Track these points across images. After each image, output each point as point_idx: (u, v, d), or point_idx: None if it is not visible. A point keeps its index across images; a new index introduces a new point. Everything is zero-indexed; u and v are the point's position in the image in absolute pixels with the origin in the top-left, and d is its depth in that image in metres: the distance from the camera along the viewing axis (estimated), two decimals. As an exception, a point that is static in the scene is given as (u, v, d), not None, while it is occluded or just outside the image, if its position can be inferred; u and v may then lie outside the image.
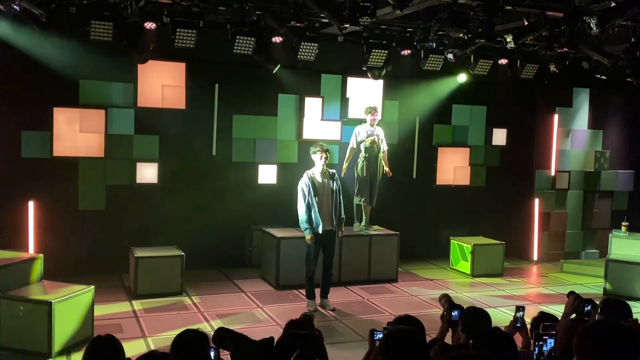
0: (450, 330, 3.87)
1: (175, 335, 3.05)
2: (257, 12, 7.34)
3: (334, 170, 7.31)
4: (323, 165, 7.06)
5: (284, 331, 3.35)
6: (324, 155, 7.03)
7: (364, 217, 8.68)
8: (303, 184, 7.00)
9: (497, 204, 10.30)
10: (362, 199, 8.49)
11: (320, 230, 6.97)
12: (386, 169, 8.55)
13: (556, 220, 10.61)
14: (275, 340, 3.04)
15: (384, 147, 8.58)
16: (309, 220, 6.93)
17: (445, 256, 9.63)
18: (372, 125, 8.50)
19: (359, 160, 8.54)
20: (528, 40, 7.72)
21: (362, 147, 8.44)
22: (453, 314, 3.76)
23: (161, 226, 8.43)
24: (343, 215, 7.31)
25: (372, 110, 8.48)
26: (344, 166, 8.41)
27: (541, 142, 10.59)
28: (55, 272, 6.48)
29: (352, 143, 8.53)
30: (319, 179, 7.06)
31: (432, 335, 3.86)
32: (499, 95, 10.25)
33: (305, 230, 6.96)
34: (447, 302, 3.96)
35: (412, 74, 9.43)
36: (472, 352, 2.95)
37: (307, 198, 6.93)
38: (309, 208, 6.93)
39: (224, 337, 3.14)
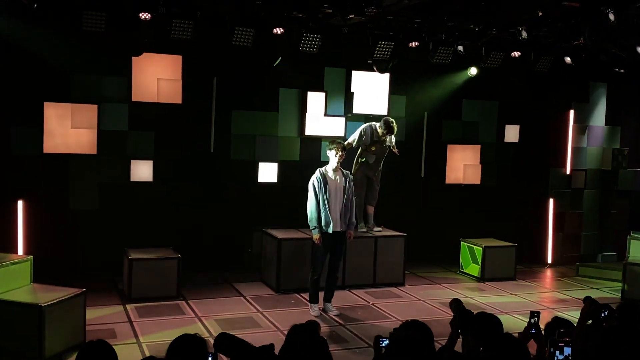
0: (460, 337, 3.86)
1: (171, 341, 3.05)
2: (257, 2, 7.34)
3: (348, 172, 7.27)
4: (337, 163, 7.01)
5: (287, 336, 3.36)
6: (340, 153, 6.97)
7: (369, 218, 8.69)
8: (314, 180, 6.95)
9: (509, 204, 10.27)
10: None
11: (330, 230, 6.92)
12: (395, 150, 8.48)
13: (571, 221, 10.59)
14: (277, 347, 3.04)
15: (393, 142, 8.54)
16: (319, 218, 6.90)
17: (455, 259, 9.62)
18: (383, 137, 8.34)
19: (355, 159, 8.52)
20: (542, 32, 7.70)
21: (364, 153, 8.37)
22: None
23: (156, 226, 8.44)
24: (354, 219, 7.29)
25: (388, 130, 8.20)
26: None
27: (556, 139, 10.57)
28: (46, 275, 6.46)
29: (352, 139, 8.44)
30: (331, 176, 7.02)
31: (441, 342, 3.86)
32: (512, 90, 10.21)
33: (313, 229, 6.92)
34: (457, 307, 3.96)
35: (420, 67, 9.43)
36: None
37: (318, 195, 6.90)
38: (319, 205, 6.90)
39: (225, 342, 3.15)
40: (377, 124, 8.36)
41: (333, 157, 7.00)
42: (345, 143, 8.14)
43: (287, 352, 2.98)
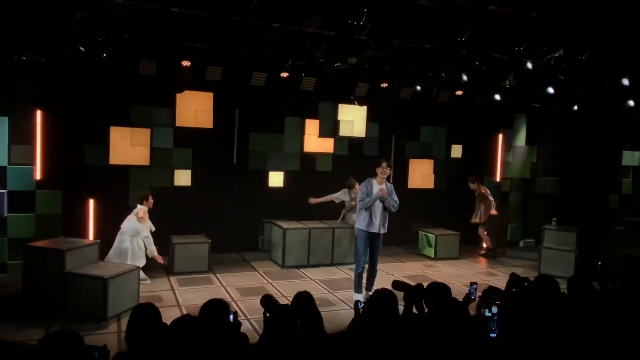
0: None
1: (203, 303, 3.02)
2: (269, 54, 7.33)
3: (391, 184, 6.37)
4: (383, 179, 6.23)
5: (293, 301, 3.36)
6: (386, 171, 6.19)
7: None
8: (365, 190, 6.17)
9: (455, 203, 10.24)
10: None
11: (371, 230, 6.23)
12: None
13: (500, 216, 10.55)
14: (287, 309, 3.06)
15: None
16: (363, 222, 6.19)
17: (415, 243, 9.59)
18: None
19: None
20: (479, 76, 7.72)
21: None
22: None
23: (193, 219, 8.38)
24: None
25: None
26: (326, 197, 8.13)
27: (489, 155, 10.59)
28: (110, 255, 6.42)
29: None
30: (376, 187, 6.23)
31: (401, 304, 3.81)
32: (456, 119, 10.22)
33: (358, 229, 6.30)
34: (398, 286, 3.85)
35: (389, 101, 9.43)
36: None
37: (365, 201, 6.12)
38: (365, 210, 6.16)
39: (267, 301, 3.26)
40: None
41: (380, 173, 6.21)
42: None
43: (292, 310, 2.98)
